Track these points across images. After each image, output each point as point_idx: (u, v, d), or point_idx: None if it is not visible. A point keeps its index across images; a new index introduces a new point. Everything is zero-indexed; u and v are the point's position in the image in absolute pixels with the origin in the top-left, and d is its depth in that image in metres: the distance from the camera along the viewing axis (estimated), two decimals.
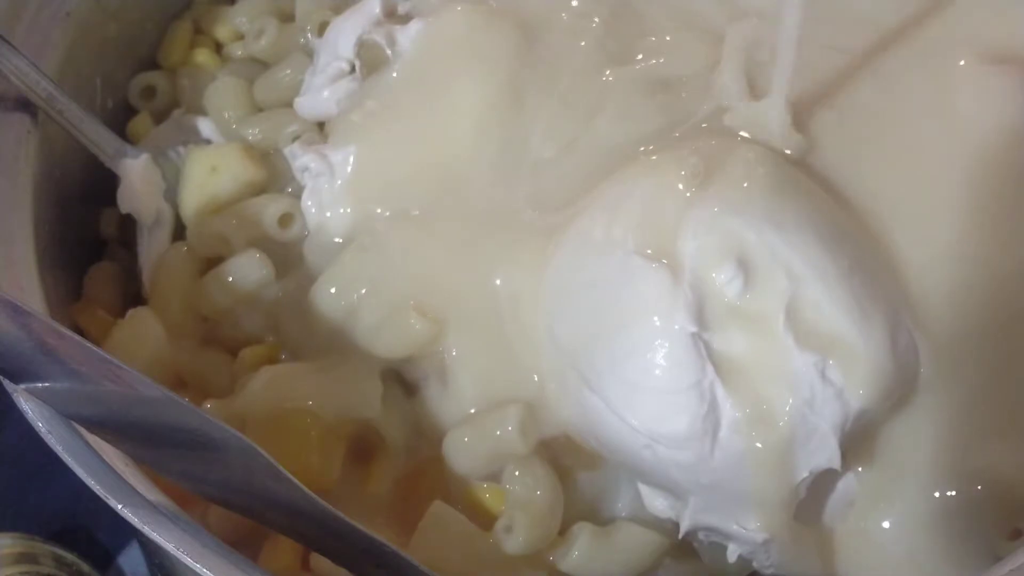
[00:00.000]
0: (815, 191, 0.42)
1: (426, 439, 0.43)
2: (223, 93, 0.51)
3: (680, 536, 0.41)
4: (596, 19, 0.47)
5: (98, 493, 0.35)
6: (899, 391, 0.40)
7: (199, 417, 0.34)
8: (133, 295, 0.48)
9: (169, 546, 0.35)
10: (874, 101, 0.45)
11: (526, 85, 0.45)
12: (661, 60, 0.46)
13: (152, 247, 0.48)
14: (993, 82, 0.45)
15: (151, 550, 0.50)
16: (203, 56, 0.54)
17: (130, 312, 0.46)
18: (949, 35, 0.46)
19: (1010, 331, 0.41)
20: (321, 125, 0.49)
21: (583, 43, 0.46)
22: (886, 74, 0.45)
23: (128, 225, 0.49)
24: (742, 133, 0.43)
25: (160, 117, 0.52)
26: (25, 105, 0.46)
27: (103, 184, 0.49)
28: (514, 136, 0.45)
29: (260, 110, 0.51)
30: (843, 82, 0.45)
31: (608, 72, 0.46)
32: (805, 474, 0.38)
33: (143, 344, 0.44)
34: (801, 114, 0.44)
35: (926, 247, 0.42)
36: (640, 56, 0.47)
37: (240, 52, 0.54)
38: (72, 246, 0.48)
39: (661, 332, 0.38)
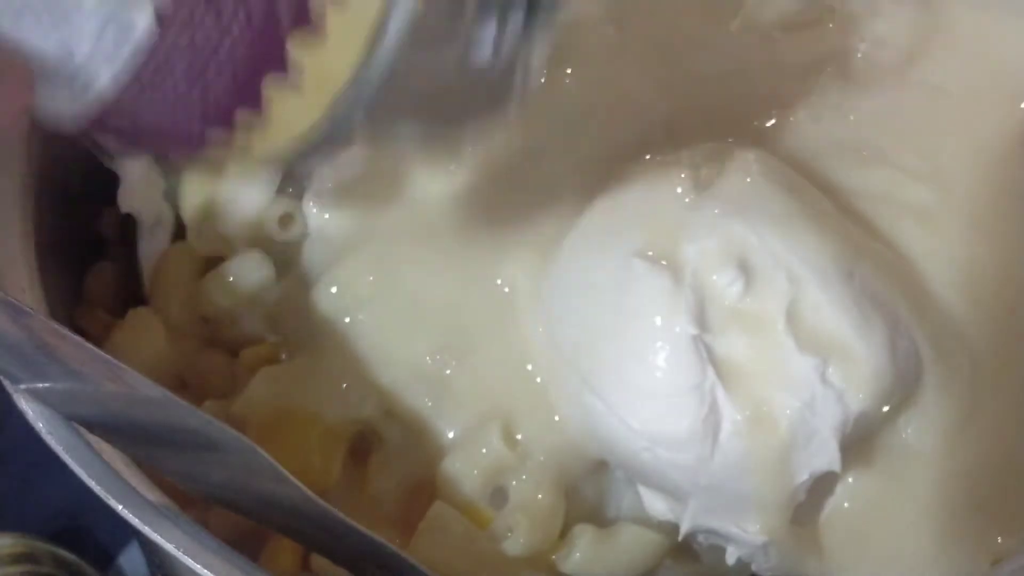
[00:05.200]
0: (816, 193, 0.42)
1: (425, 440, 0.43)
2: None
3: (680, 538, 0.41)
4: None
5: (98, 493, 0.35)
6: (899, 394, 0.40)
7: (199, 417, 0.34)
8: (133, 295, 0.48)
9: (169, 546, 0.35)
10: (880, 102, 0.45)
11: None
12: None
13: (152, 247, 0.48)
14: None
15: (151, 550, 0.50)
16: None
17: (130, 312, 0.46)
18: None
19: (1014, 336, 0.42)
20: None
21: None
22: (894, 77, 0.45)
23: (128, 225, 0.49)
24: None
25: None
26: None
27: (103, 184, 0.49)
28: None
29: None
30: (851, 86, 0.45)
31: None
32: (805, 476, 0.38)
33: (143, 344, 0.44)
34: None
35: (930, 249, 0.42)
36: None
37: None
38: (72, 246, 0.48)
39: (662, 334, 0.38)
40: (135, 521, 0.35)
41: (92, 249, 0.50)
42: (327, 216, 0.46)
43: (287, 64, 0.28)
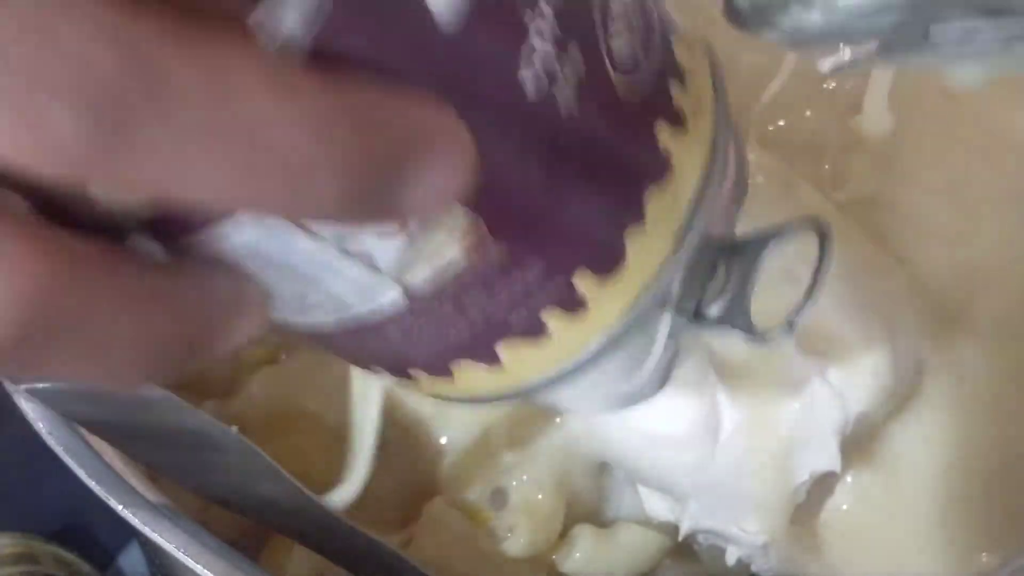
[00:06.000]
0: (816, 195, 0.42)
1: (425, 441, 0.43)
2: None
3: (679, 538, 0.41)
4: None
5: (98, 493, 0.35)
6: (899, 394, 0.40)
7: (199, 418, 0.34)
8: None
9: (169, 546, 0.35)
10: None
11: None
12: None
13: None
14: None
15: (151, 550, 0.50)
16: None
17: None
18: None
19: (1017, 337, 0.42)
20: None
21: None
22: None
23: None
24: None
25: None
26: None
27: None
28: None
29: None
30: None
31: None
32: (805, 477, 0.38)
33: None
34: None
35: (930, 251, 0.42)
36: None
37: None
38: None
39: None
40: (135, 521, 0.35)
41: None
42: None
43: (492, 356, 0.27)
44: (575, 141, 0.24)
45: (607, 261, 0.26)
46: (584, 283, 0.26)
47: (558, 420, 0.42)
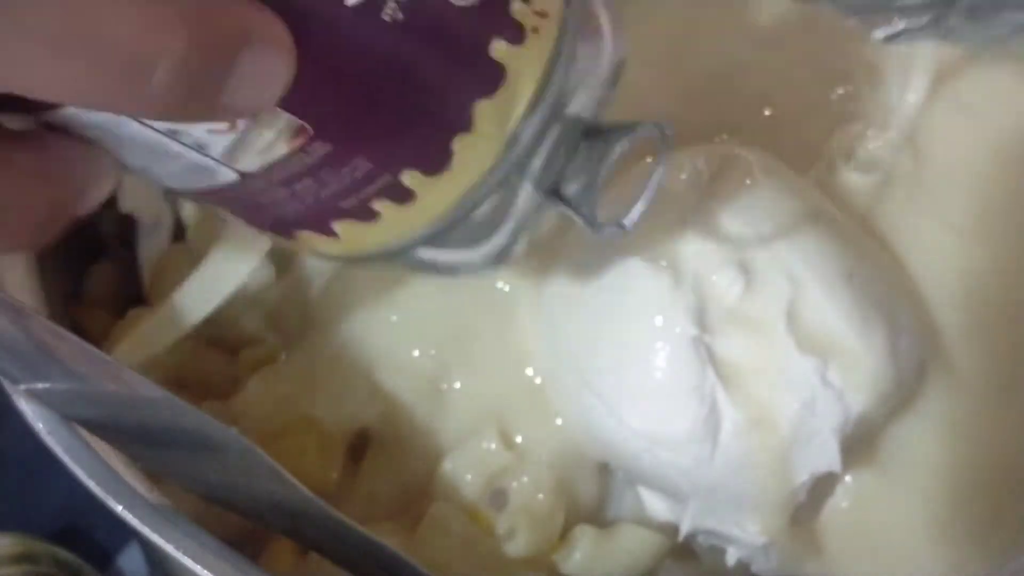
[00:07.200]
0: (816, 194, 0.42)
1: (424, 441, 0.43)
2: None
3: (680, 539, 0.41)
4: None
5: (98, 494, 0.35)
6: (900, 395, 0.40)
7: (199, 418, 0.34)
8: (133, 295, 0.48)
9: (169, 546, 0.35)
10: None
11: None
12: None
13: (152, 247, 0.48)
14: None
15: (151, 550, 0.50)
16: None
17: (130, 312, 0.45)
18: None
19: (1019, 338, 0.42)
20: None
21: None
22: None
23: (128, 225, 0.49)
24: None
25: None
26: None
27: None
28: None
29: None
30: None
31: None
32: (805, 477, 0.38)
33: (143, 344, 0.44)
34: None
35: (932, 250, 0.42)
36: None
37: None
38: (72, 246, 0.48)
39: (662, 335, 0.38)
40: (135, 521, 0.35)
41: (92, 249, 0.50)
42: None
43: (328, 231, 0.30)
44: (400, 50, 0.25)
45: (434, 163, 0.27)
46: (412, 179, 0.27)
47: (559, 421, 0.42)
